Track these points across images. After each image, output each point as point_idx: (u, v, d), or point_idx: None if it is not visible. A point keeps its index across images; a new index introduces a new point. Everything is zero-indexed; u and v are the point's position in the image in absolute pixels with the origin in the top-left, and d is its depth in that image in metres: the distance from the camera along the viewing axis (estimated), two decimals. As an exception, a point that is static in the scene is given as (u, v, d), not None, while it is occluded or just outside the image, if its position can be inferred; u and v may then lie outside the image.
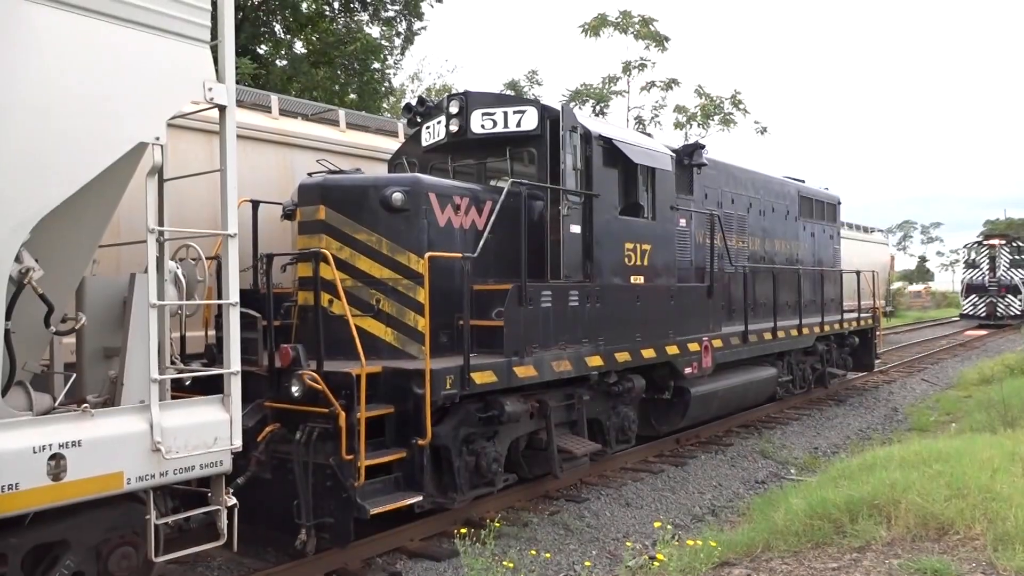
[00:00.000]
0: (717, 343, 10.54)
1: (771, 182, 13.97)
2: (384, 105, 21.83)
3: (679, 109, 23.58)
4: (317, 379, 6.17)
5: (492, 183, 8.91)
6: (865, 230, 31.25)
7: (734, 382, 11.24)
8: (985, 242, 36.83)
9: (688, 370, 9.84)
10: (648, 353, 9.08)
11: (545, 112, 8.33)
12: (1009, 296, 35.56)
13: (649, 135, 11.40)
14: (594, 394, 8.61)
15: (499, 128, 8.43)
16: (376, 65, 20.16)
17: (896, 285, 47.72)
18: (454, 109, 8.59)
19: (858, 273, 16.64)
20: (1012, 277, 35.72)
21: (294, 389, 6.28)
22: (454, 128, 8.61)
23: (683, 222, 10.57)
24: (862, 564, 5.47)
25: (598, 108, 22.42)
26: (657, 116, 23.35)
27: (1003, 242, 36.48)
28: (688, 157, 10.76)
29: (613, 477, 9.38)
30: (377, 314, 7.19)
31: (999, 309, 35.50)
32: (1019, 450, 7.65)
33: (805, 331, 13.36)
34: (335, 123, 10.39)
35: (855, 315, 15.99)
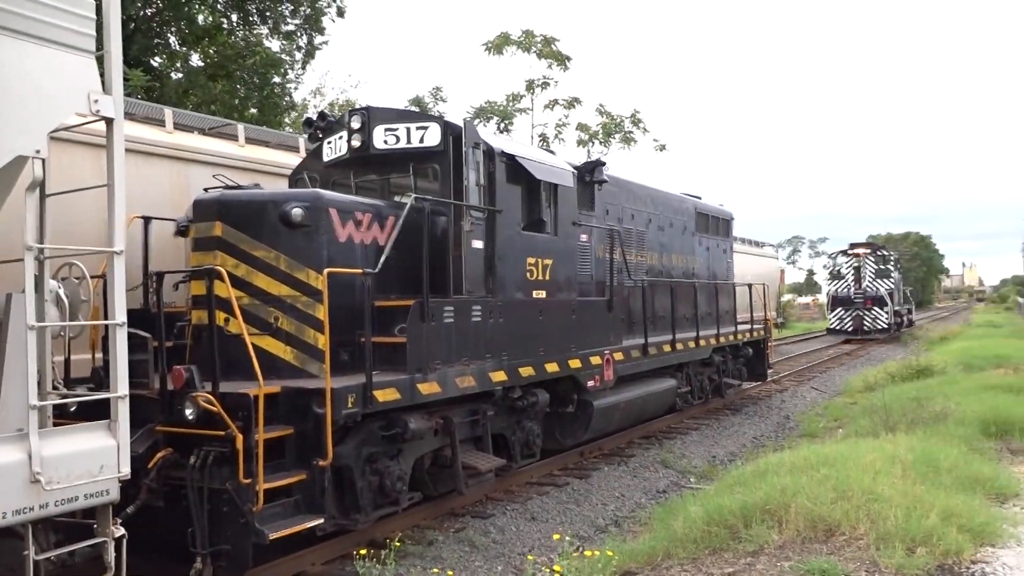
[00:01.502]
0: (618, 356, 10.73)
1: (669, 198, 14.38)
2: (285, 120, 21.40)
3: (581, 127, 24.02)
4: (212, 401, 5.96)
5: (395, 199, 8.85)
6: (757, 244, 32.50)
7: (635, 394, 11.46)
8: (850, 252, 35.10)
9: (591, 383, 9.97)
10: (551, 367, 9.16)
11: (448, 128, 8.33)
12: (875, 308, 33.95)
13: (552, 152, 11.54)
14: (499, 409, 8.62)
15: (402, 144, 8.38)
16: (276, 79, 19.76)
17: (786, 297, 49.89)
18: (356, 124, 8.49)
19: (750, 286, 17.31)
20: (878, 288, 34.17)
21: (188, 412, 6.05)
22: (356, 143, 8.51)
23: (584, 237, 10.74)
24: (756, 568, 5.66)
25: (502, 125, 22.60)
26: (560, 134, 23.70)
27: (868, 251, 34.85)
28: (589, 174, 10.95)
29: (519, 492, 9.40)
30: (275, 332, 7.01)
31: (866, 322, 33.91)
32: (899, 453, 8.09)
33: (702, 343, 13.77)
34: (233, 137, 10.12)
35: (749, 327, 16.60)
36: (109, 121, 4.97)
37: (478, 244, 8.25)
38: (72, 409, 5.51)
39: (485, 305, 8.13)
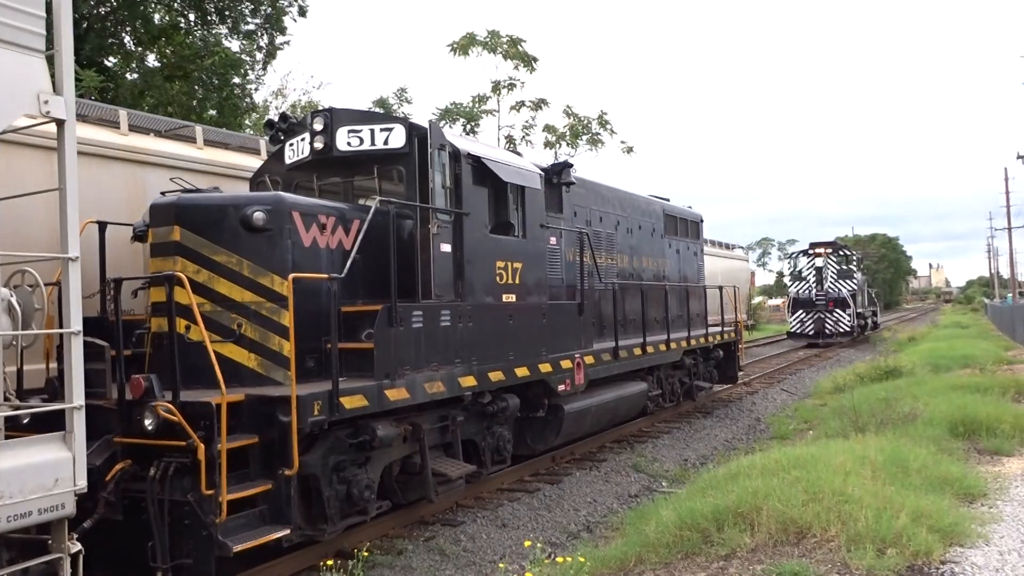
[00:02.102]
0: (589, 360, 10.77)
1: (637, 200, 14.47)
2: (246, 122, 21.18)
3: (548, 129, 24.11)
4: (172, 410, 5.87)
5: (360, 202, 8.78)
6: (727, 247, 32.85)
7: (606, 398, 11.50)
8: (811, 251, 33.98)
9: (561, 387, 9.98)
10: (522, 371, 9.16)
11: (413, 130, 8.31)
12: (838, 310, 32.76)
13: (519, 154, 11.55)
14: (468, 415, 8.61)
15: (366, 146, 8.35)
16: (236, 80, 19.55)
17: (757, 299, 50.15)
18: (319, 126, 8.44)
19: (721, 288, 17.47)
20: (840, 289, 33.00)
21: (147, 422, 5.95)
22: (319, 145, 8.45)
23: (553, 240, 10.76)
24: (728, 572, 5.69)
25: (468, 127, 22.61)
26: (527, 135, 23.78)
27: (830, 251, 33.62)
28: (557, 176, 10.98)
29: (489, 499, 9.38)
30: (239, 339, 6.93)
31: (827, 325, 32.75)
32: (868, 454, 8.19)
33: (673, 345, 13.86)
34: (192, 140, 10.00)
35: (719, 329, 16.74)
36: (60, 123, 4.87)
37: (446, 247, 8.23)
38: (25, 421, 5.39)
39: (454, 309, 8.11)
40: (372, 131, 8.34)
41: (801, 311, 33.41)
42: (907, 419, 11.20)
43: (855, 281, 33.76)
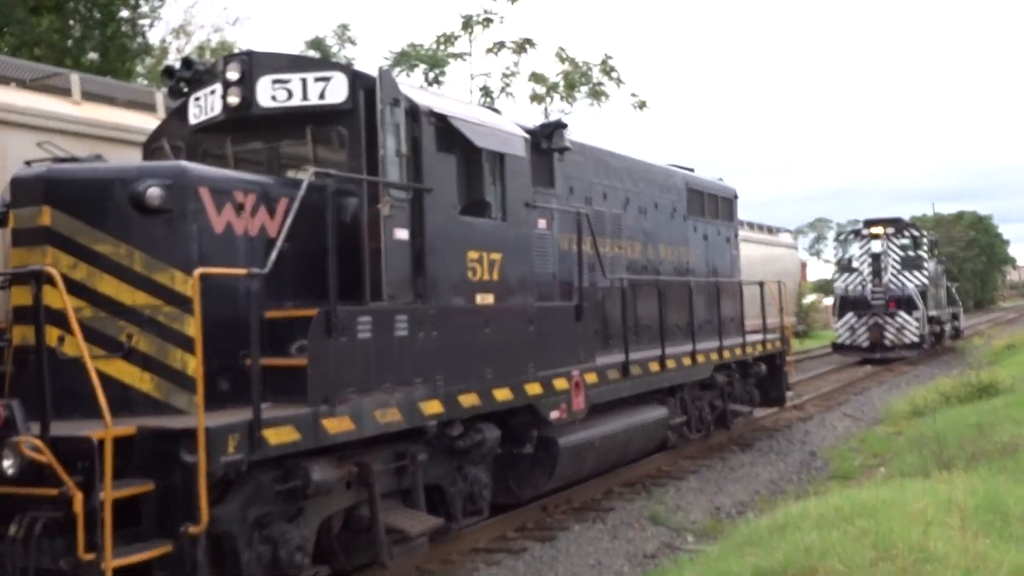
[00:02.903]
0: (591, 378, 10.80)
1: (653, 171, 14.51)
2: (138, 69, 21.06)
3: (536, 78, 24.10)
4: (40, 448, 5.84)
5: (289, 174, 8.75)
6: (770, 231, 33.12)
7: (614, 428, 11.54)
8: (865, 232, 32.31)
9: (555, 415, 10.01)
10: (502, 394, 9.18)
11: (357, 80, 8.30)
12: (902, 314, 30.96)
13: (497, 111, 11.58)
14: (433, 451, 8.62)
15: (296, 101, 8.33)
16: (124, 14, 19.42)
17: (809, 298, 50.25)
18: (234, 75, 8.41)
19: (762, 284, 17.55)
20: (905, 283, 31.42)
21: (7, 464, 5.93)
22: (234, 100, 8.43)
23: (543, 223, 10.78)
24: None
25: (432, 76, 22.59)
26: (508, 86, 23.77)
27: (891, 231, 32.09)
28: (547, 139, 11.01)
29: (461, 562, 9.39)
30: (129, 354, 6.92)
31: (887, 335, 31.00)
32: (955, 497, 8.27)
33: (700, 359, 13.93)
34: (65, 92, 9.98)
35: (760, 337, 16.83)
36: None
37: (401, 234, 8.24)
38: None
39: (413, 314, 8.12)
40: (304, 81, 8.31)
41: (851, 315, 31.46)
42: (1006, 451, 11.30)
43: (927, 272, 32.19)
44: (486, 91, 23.40)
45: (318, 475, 7.08)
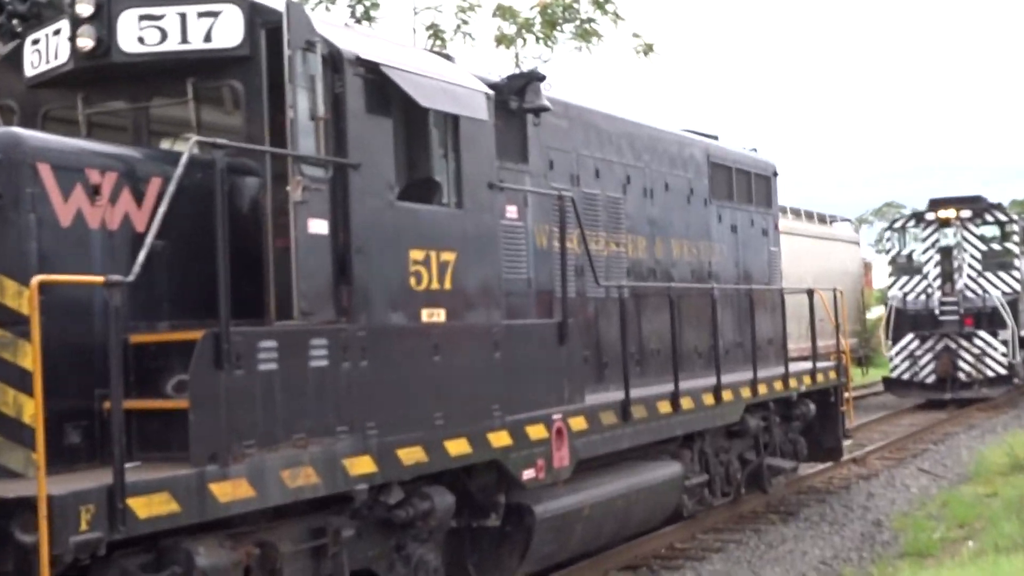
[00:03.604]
0: (578, 424, 10.79)
1: (663, 140, 14.56)
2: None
3: (503, 12, 24.03)
4: None
5: (163, 145, 8.73)
6: (823, 220, 33.28)
7: (610, 491, 11.54)
8: (930, 216, 31.76)
9: (529, 474, 10.00)
10: (457, 447, 9.17)
11: (256, 16, 8.26)
12: (983, 334, 30.20)
13: (450, 58, 11.55)
14: (363, 525, 8.60)
15: (172, 44, 8.28)
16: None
17: (875, 312, 50.15)
18: (86, 9, 8.35)
19: (811, 293, 17.61)
20: (988, 291, 30.65)
21: None
22: (87, 44, 8.34)
23: (512, 211, 10.79)
24: None
25: (361, 10, 22.51)
26: (466, 24, 23.71)
27: (967, 214, 31.42)
28: (518, 96, 11.00)
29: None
30: (-59, 396, 6.84)
31: (963, 364, 30.06)
32: (1069, 579, 8.36)
33: (727, 396, 13.97)
34: None
35: (808, 366, 16.89)
36: None
37: (319, 226, 8.23)
38: None
39: (335, 337, 8.11)
40: (183, 18, 8.26)
41: (911, 336, 30.79)
42: None
43: (1022, 273, 31.53)
44: (436, 31, 23.31)
45: (204, 560, 7.03)
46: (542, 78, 11.33)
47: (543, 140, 11.68)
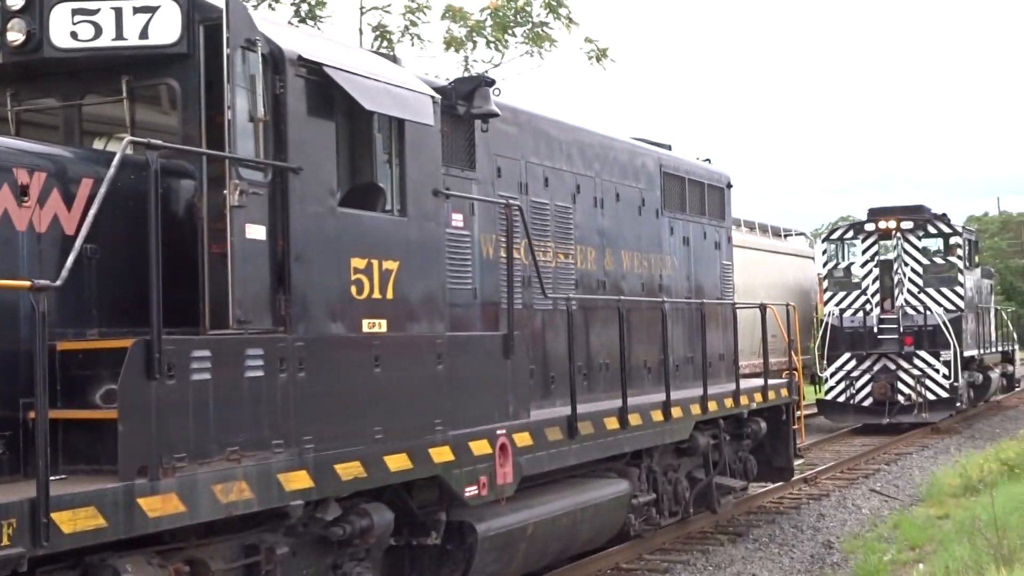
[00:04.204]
0: (523, 439, 10.79)
1: (614, 149, 14.59)
2: None
3: (453, 14, 24.05)
4: None
5: (96, 145, 8.67)
6: (776, 233, 33.47)
7: (555, 509, 11.55)
8: (870, 226, 30.82)
9: (472, 491, 9.99)
10: (397, 463, 9.15)
11: (195, 12, 8.23)
12: (924, 355, 29.40)
13: (397, 60, 11.52)
14: (298, 543, 8.56)
15: (107, 40, 8.21)
16: None
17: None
18: (16, 2, 8.29)
19: (763, 308, 17.72)
20: (929, 308, 29.80)
21: None
22: (16, 38, 8.28)
23: (458, 219, 10.79)
24: None
25: (304, 10, 22.44)
26: (415, 26, 23.69)
27: (908, 225, 30.45)
28: (466, 101, 10.99)
29: None
30: None
31: (903, 385, 29.25)
32: (1021, 604, 8.43)
33: (676, 413, 14.00)
34: None
35: (760, 383, 16.99)
36: None
37: (257, 232, 8.19)
38: None
39: (272, 347, 8.08)
40: (119, 12, 8.20)
41: (847, 356, 30.01)
42: (1088, 543, 11.51)
43: (964, 289, 30.69)
44: (383, 32, 23.29)
45: (132, 577, 6.97)
46: (491, 83, 11.32)
47: (491, 147, 11.69)
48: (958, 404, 30.10)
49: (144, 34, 8.21)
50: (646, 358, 14.31)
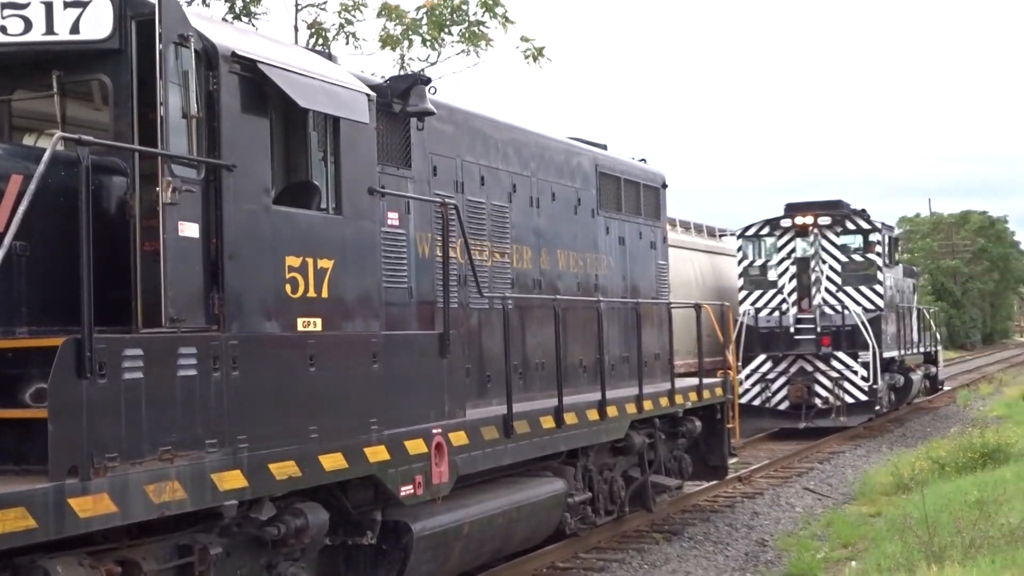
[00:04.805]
0: (459, 439, 10.81)
1: (551, 148, 14.63)
2: None
3: (389, 12, 23.99)
4: None
5: (26, 141, 8.60)
6: (711, 233, 33.60)
7: (491, 509, 11.58)
8: (787, 222, 29.93)
9: (407, 490, 9.99)
10: (332, 462, 9.13)
11: (127, 7, 8.18)
12: (842, 356, 28.71)
13: (331, 57, 11.49)
14: (232, 543, 8.53)
15: (36, 34, 8.14)
16: None
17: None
18: (-56, -4, 8.20)
19: (698, 307, 17.81)
20: (847, 307, 29.03)
21: None
22: (-56, 32, 8.21)
23: (394, 218, 10.78)
24: None
25: (240, 7, 22.30)
26: (350, 24, 23.61)
27: (826, 221, 29.69)
28: (401, 99, 10.99)
29: None
30: None
31: (821, 388, 28.62)
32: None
33: (612, 412, 14.06)
34: None
35: (694, 382, 17.08)
36: None
37: (190, 230, 8.14)
38: None
39: (205, 346, 8.03)
40: (48, 7, 8.13)
41: (763, 358, 28.99)
42: (1015, 538, 11.69)
43: (884, 288, 29.87)
44: (318, 30, 23.19)
45: (62, 579, 6.91)
46: (427, 81, 11.32)
47: (427, 145, 11.69)
48: (877, 408, 29.33)
49: (75, 29, 8.15)
50: (582, 357, 14.36)
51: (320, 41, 22.78)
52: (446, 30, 23.80)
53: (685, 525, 17.00)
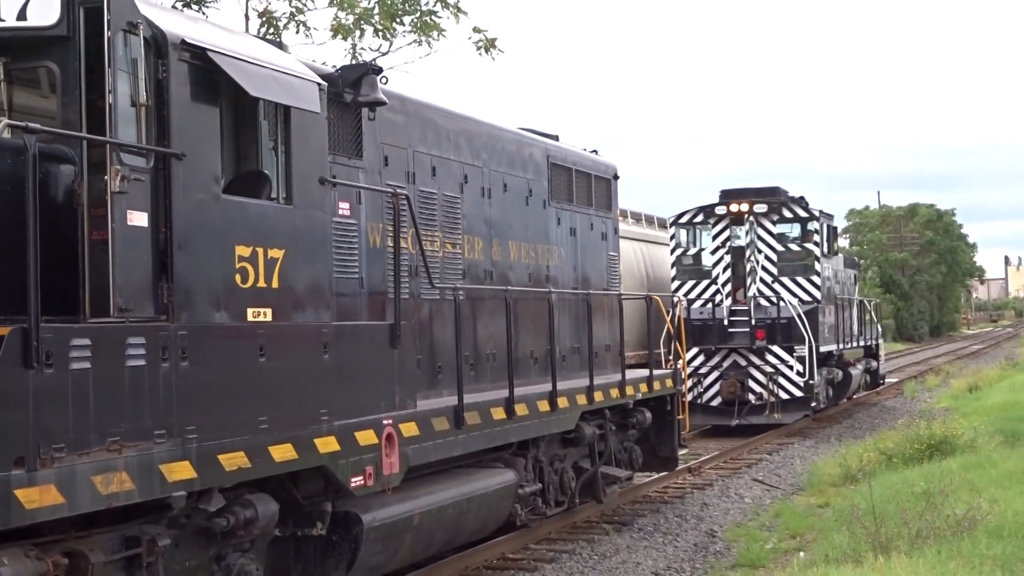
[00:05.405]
0: (410, 429, 10.81)
1: (502, 139, 14.64)
2: None
3: (340, 0, 23.92)
4: None
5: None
6: (662, 224, 33.63)
7: (442, 500, 11.60)
8: (721, 209, 28.50)
9: (358, 481, 9.98)
10: (282, 453, 9.11)
11: (75, -7, 8.13)
12: (777, 351, 27.42)
13: (282, 46, 11.44)
14: (181, 535, 8.51)
15: (-18, 21, 8.09)
16: None
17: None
18: None
19: (649, 299, 17.87)
20: (783, 299, 27.68)
21: None
22: None
23: (345, 208, 10.77)
24: None
25: (190, -6, 22.14)
26: (301, 13, 23.51)
27: (762, 209, 28.28)
28: (353, 89, 10.97)
29: None
30: None
31: (755, 383, 27.47)
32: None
33: (563, 403, 14.11)
34: None
35: (645, 373, 17.15)
36: None
37: (139, 219, 8.12)
38: None
39: (154, 336, 7.99)
40: (-5, -7, 8.10)
41: (695, 351, 27.29)
42: (960, 528, 11.83)
43: (821, 279, 28.64)
44: (269, 19, 23.08)
45: (8, 570, 6.88)
46: (379, 71, 11.31)
47: (378, 135, 11.67)
48: (813, 404, 28.22)
49: (22, 15, 8.10)
50: (533, 348, 14.39)
51: (271, 30, 22.68)
52: (398, 20, 23.76)
53: (635, 516, 17.06)
